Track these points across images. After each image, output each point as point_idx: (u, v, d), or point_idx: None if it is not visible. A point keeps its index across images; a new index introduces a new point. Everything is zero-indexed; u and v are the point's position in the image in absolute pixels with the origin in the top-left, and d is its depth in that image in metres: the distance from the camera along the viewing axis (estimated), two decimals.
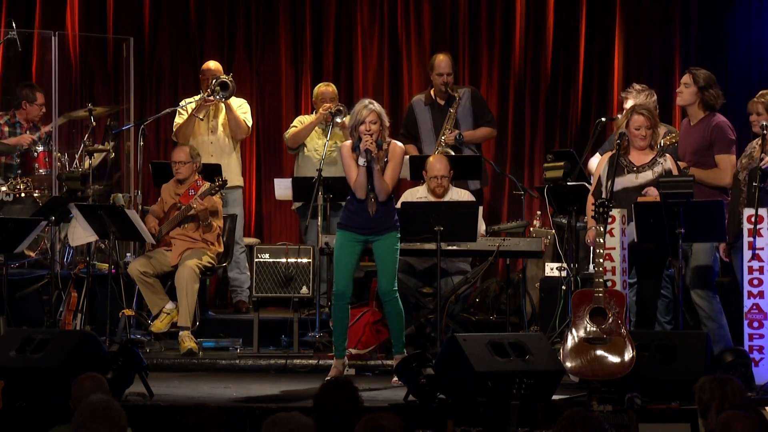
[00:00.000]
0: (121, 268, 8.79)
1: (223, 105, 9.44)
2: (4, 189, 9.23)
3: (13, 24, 9.73)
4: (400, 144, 7.70)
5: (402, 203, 8.28)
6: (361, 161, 7.43)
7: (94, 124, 9.74)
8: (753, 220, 7.28)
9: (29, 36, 10.61)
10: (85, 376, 5.33)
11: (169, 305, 8.59)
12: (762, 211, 7.29)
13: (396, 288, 7.60)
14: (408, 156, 8.79)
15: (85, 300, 8.64)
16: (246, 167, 10.48)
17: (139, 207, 9.22)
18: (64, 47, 10.65)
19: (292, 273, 8.71)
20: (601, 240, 7.00)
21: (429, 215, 7.92)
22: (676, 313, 7.87)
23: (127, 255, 9.61)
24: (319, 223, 8.83)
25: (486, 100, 10.13)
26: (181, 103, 9.64)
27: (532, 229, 9.34)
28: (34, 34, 10.69)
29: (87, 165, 9.61)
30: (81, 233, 8.50)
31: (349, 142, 7.57)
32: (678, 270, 7.38)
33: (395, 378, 7.32)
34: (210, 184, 8.69)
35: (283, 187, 9.52)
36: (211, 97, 9.34)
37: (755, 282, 7.30)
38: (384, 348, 8.28)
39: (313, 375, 7.88)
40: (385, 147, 7.53)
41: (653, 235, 7.33)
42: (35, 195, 9.49)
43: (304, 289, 8.68)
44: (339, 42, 11.02)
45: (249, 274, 9.23)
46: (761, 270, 7.28)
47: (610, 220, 7.14)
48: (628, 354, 6.74)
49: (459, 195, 8.76)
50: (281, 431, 4.19)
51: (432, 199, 8.61)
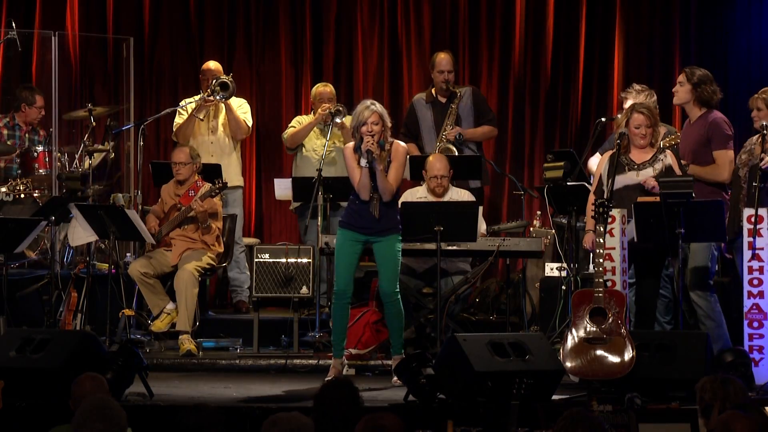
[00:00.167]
0: (121, 268, 8.79)
1: (223, 105, 9.44)
2: (3, 190, 9.23)
3: (13, 24, 9.73)
4: (402, 144, 7.69)
5: (402, 203, 8.25)
6: (363, 162, 7.42)
7: (94, 124, 9.74)
8: (753, 220, 7.28)
9: (29, 36, 10.61)
10: (85, 376, 5.32)
11: (170, 305, 8.58)
12: (762, 211, 7.29)
13: (398, 290, 7.59)
14: (408, 156, 8.78)
15: (85, 300, 8.64)
16: (246, 167, 10.47)
17: (139, 207, 9.22)
18: (64, 47, 10.65)
19: (292, 273, 8.71)
20: (601, 240, 6.99)
21: (429, 215, 7.91)
22: (675, 313, 7.87)
23: (127, 255, 9.61)
24: (319, 223, 8.83)
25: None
26: (181, 103, 9.64)
27: (532, 229, 9.33)
28: (34, 34, 10.69)
29: (87, 165, 9.60)
30: (81, 233, 8.50)
31: (352, 143, 7.56)
32: (678, 270, 7.38)
33: (395, 378, 7.31)
34: (210, 185, 8.68)
35: (283, 187, 9.52)
36: (211, 98, 9.34)
37: (755, 282, 7.30)
38: (384, 348, 8.27)
39: (313, 375, 7.87)
40: (388, 147, 7.52)
41: (653, 235, 7.33)
42: (35, 195, 9.49)
43: (304, 289, 8.68)
44: (339, 42, 11.02)
45: (249, 274, 9.23)
46: (761, 270, 7.28)
47: (610, 219, 7.14)
48: (628, 354, 6.74)
49: (459, 195, 8.76)
50: (281, 431, 4.18)
51: (432, 199, 8.60)
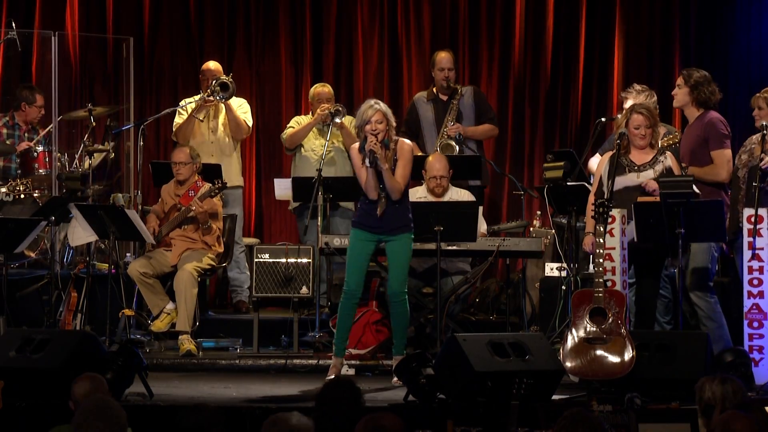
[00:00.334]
0: (121, 268, 8.79)
1: (223, 105, 9.44)
2: (3, 190, 9.23)
3: (13, 24, 9.73)
4: (408, 141, 7.68)
5: None
6: (366, 162, 7.42)
7: (94, 124, 9.74)
8: (753, 220, 7.28)
9: (29, 36, 10.61)
10: (85, 376, 5.32)
11: (170, 305, 8.58)
12: (762, 211, 7.29)
13: (406, 290, 7.59)
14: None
15: (85, 300, 8.64)
16: (246, 167, 10.47)
17: (139, 207, 9.21)
18: (64, 47, 10.65)
19: (292, 273, 8.70)
20: (601, 240, 6.99)
21: (429, 215, 7.91)
22: (675, 313, 7.87)
23: (127, 255, 9.61)
24: (319, 223, 8.83)
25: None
26: (181, 103, 9.64)
27: (532, 229, 9.34)
28: (34, 34, 10.69)
29: (87, 165, 9.60)
30: (81, 233, 8.50)
31: (357, 143, 7.56)
32: (678, 270, 7.38)
33: (395, 378, 7.31)
34: (210, 186, 8.68)
35: (283, 187, 9.52)
36: (211, 98, 9.34)
37: (755, 282, 7.30)
38: (384, 348, 8.27)
39: (313, 375, 7.87)
40: (393, 146, 7.51)
41: (653, 235, 7.33)
42: (35, 195, 9.48)
43: (303, 289, 8.68)
44: (339, 42, 11.01)
45: (249, 274, 9.23)
46: (761, 270, 7.28)
47: (610, 220, 7.13)
48: (627, 354, 6.74)
49: (459, 195, 8.75)
50: (281, 431, 4.18)
51: (431, 199, 8.60)
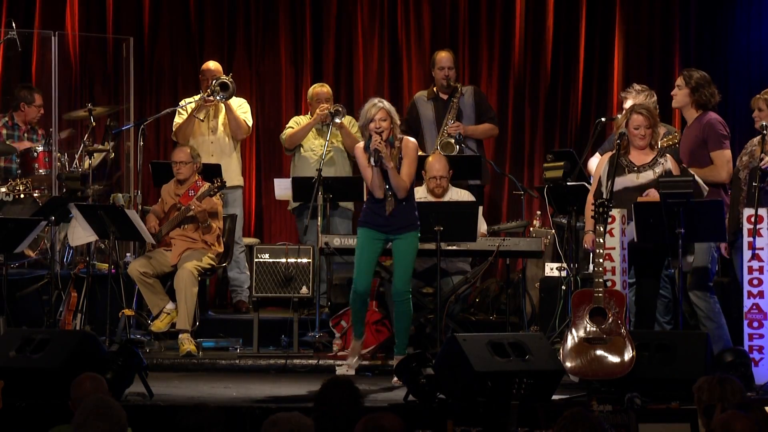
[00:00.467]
0: (121, 268, 8.79)
1: (223, 105, 9.44)
2: (3, 190, 9.23)
3: (13, 24, 9.73)
4: (412, 140, 7.68)
5: None
6: (371, 161, 7.40)
7: (94, 124, 9.75)
8: (753, 220, 7.28)
9: (29, 36, 10.61)
10: (84, 376, 5.31)
11: (170, 305, 8.58)
12: (762, 211, 7.29)
13: (410, 289, 7.60)
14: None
15: (85, 300, 8.64)
16: (246, 167, 10.47)
17: (139, 207, 9.21)
18: (64, 47, 10.65)
19: (292, 273, 8.70)
20: (601, 240, 6.99)
21: (429, 215, 7.91)
22: (675, 313, 7.86)
23: (127, 255, 9.60)
24: (319, 223, 8.83)
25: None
26: (181, 103, 9.64)
27: (532, 229, 9.33)
28: (34, 34, 10.69)
29: (87, 165, 9.60)
30: (81, 233, 8.50)
31: (362, 142, 7.55)
32: (678, 270, 7.38)
33: (395, 378, 7.31)
34: (209, 185, 8.68)
35: (283, 187, 9.52)
36: (211, 98, 9.34)
37: (755, 282, 7.30)
38: (384, 348, 8.27)
39: (313, 375, 7.86)
40: (398, 144, 7.50)
41: (653, 236, 7.33)
42: (35, 195, 9.48)
43: (303, 289, 8.67)
44: (339, 42, 11.01)
45: (249, 274, 9.23)
46: (761, 270, 7.28)
47: (609, 220, 7.13)
48: (627, 354, 6.74)
49: (459, 195, 8.75)
50: (281, 431, 4.18)
51: (431, 200, 8.60)
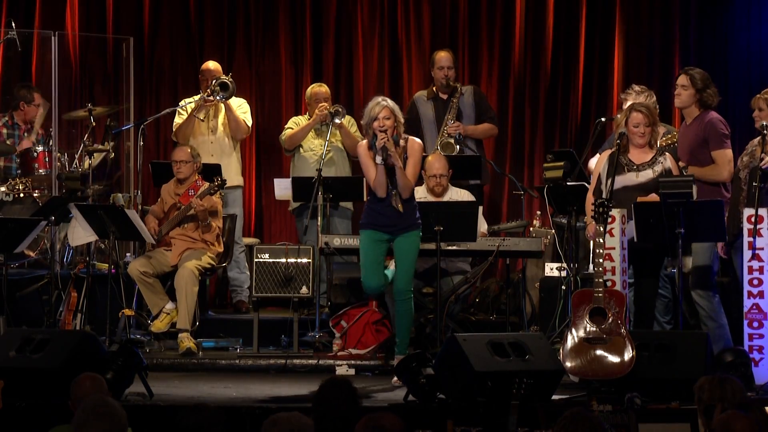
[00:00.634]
0: (121, 268, 8.79)
1: (223, 105, 9.43)
2: (3, 190, 9.23)
3: (13, 24, 9.73)
4: (418, 140, 7.66)
5: None
6: (378, 159, 7.35)
7: (94, 124, 9.75)
8: (753, 220, 7.28)
9: (29, 36, 10.61)
10: (84, 376, 5.31)
11: (169, 305, 8.58)
12: (762, 211, 7.29)
13: (411, 288, 7.60)
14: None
15: (85, 300, 8.64)
16: (246, 167, 10.47)
17: (139, 207, 9.22)
18: (64, 47, 10.65)
19: (291, 273, 8.70)
20: (601, 240, 6.99)
21: (429, 215, 7.91)
22: (675, 313, 7.87)
23: (127, 255, 9.60)
24: (319, 223, 8.83)
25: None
26: (181, 103, 9.64)
27: (532, 229, 9.33)
28: (34, 34, 10.69)
29: (87, 165, 9.60)
30: (81, 233, 8.50)
31: (365, 141, 7.50)
32: (679, 270, 7.38)
33: (395, 378, 7.31)
34: (209, 184, 8.68)
35: (283, 187, 9.51)
36: (211, 98, 9.34)
37: (755, 282, 7.30)
38: (384, 348, 8.27)
39: (313, 375, 7.86)
40: (402, 143, 7.48)
41: (653, 235, 7.33)
42: (35, 195, 9.49)
43: (303, 289, 8.67)
44: (339, 42, 11.01)
45: (249, 274, 9.22)
46: (761, 270, 7.28)
47: (609, 219, 7.13)
48: (627, 354, 6.74)
49: (458, 194, 8.75)
50: (281, 431, 4.18)
51: (431, 199, 8.60)
